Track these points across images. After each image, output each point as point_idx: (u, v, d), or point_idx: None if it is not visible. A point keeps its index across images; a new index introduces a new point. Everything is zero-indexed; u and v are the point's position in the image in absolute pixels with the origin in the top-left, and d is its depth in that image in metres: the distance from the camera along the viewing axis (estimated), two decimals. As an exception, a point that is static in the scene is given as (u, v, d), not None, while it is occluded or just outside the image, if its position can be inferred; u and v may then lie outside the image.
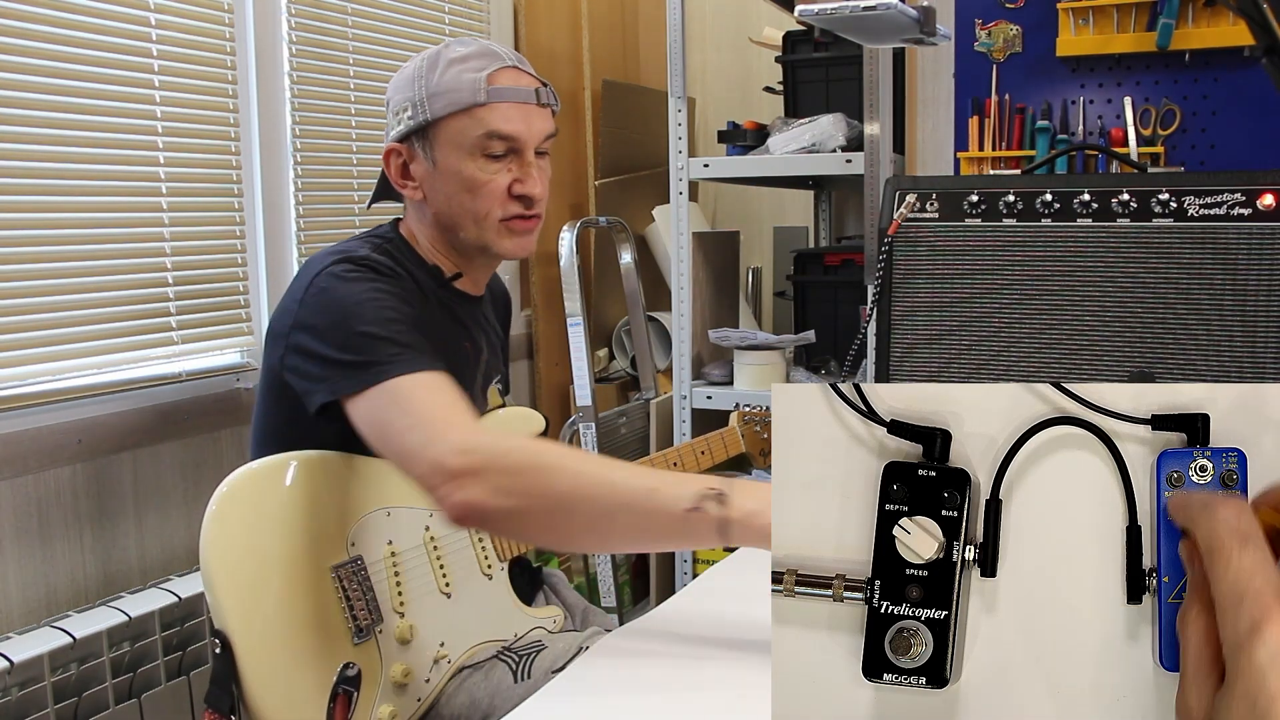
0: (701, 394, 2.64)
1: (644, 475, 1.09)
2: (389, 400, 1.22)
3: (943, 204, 1.34)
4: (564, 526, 1.12)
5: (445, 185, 1.41)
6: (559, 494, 1.09)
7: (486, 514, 1.11)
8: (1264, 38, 0.80)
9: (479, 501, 1.10)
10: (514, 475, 1.10)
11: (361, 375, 1.25)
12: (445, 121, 1.39)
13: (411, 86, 1.40)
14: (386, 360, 1.25)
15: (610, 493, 1.06)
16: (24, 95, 1.70)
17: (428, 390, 1.23)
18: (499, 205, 1.41)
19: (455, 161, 1.39)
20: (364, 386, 1.24)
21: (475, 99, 1.37)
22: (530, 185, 1.41)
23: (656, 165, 3.25)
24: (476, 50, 1.41)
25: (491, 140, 1.38)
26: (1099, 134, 2.60)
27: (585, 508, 1.08)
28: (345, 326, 1.28)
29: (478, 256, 1.48)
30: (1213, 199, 1.23)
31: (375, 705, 1.31)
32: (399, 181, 1.45)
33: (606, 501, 1.07)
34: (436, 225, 1.45)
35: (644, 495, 1.05)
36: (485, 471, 1.10)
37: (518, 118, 1.40)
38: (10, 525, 1.70)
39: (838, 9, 1.31)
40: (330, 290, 1.32)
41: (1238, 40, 2.43)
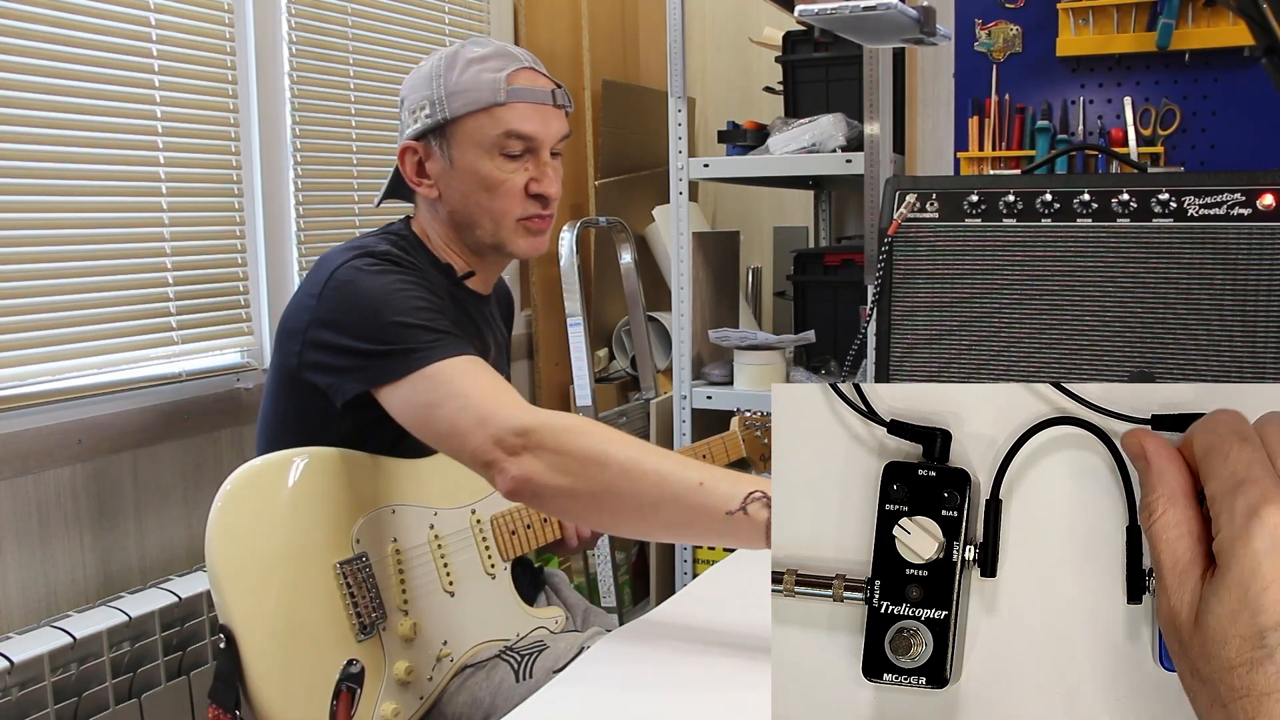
0: (701, 394, 2.64)
1: (693, 468, 1.10)
2: (433, 385, 1.24)
3: (943, 204, 1.34)
4: (610, 509, 1.15)
5: (462, 184, 1.42)
6: (610, 478, 1.12)
7: (540, 489, 1.15)
8: (1264, 38, 0.80)
9: (535, 476, 1.14)
10: (569, 455, 1.14)
11: (400, 363, 1.26)
12: (464, 120, 1.40)
13: (429, 85, 1.41)
14: (425, 346, 1.26)
15: (658, 482, 1.09)
16: (24, 95, 1.70)
17: (472, 372, 1.26)
18: (517, 204, 1.43)
19: (473, 160, 1.41)
20: (403, 374, 1.26)
21: (495, 98, 1.39)
22: (547, 185, 1.43)
23: (656, 165, 3.25)
24: (494, 51, 1.42)
25: (510, 140, 1.40)
26: (1099, 134, 2.60)
27: (633, 493, 1.11)
28: (375, 319, 1.29)
29: (491, 255, 1.49)
30: (1213, 199, 1.23)
31: (378, 702, 1.31)
32: (414, 179, 1.46)
33: (654, 491, 1.09)
34: (450, 223, 1.46)
35: (692, 489, 1.07)
36: (542, 449, 1.15)
37: (535, 118, 1.42)
38: (10, 525, 1.70)
39: (838, 9, 1.31)
40: (354, 283, 1.33)
41: (1238, 40, 2.43)
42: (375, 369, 1.28)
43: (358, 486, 1.34)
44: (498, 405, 1.21)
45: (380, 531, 1.35)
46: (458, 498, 1.43)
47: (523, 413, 1.20)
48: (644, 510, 1.11)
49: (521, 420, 1.18)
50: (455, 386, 1.24)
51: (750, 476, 1.07)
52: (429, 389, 1.25)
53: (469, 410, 1.21)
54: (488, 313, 1.55)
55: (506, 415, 1.19)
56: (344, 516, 1.30)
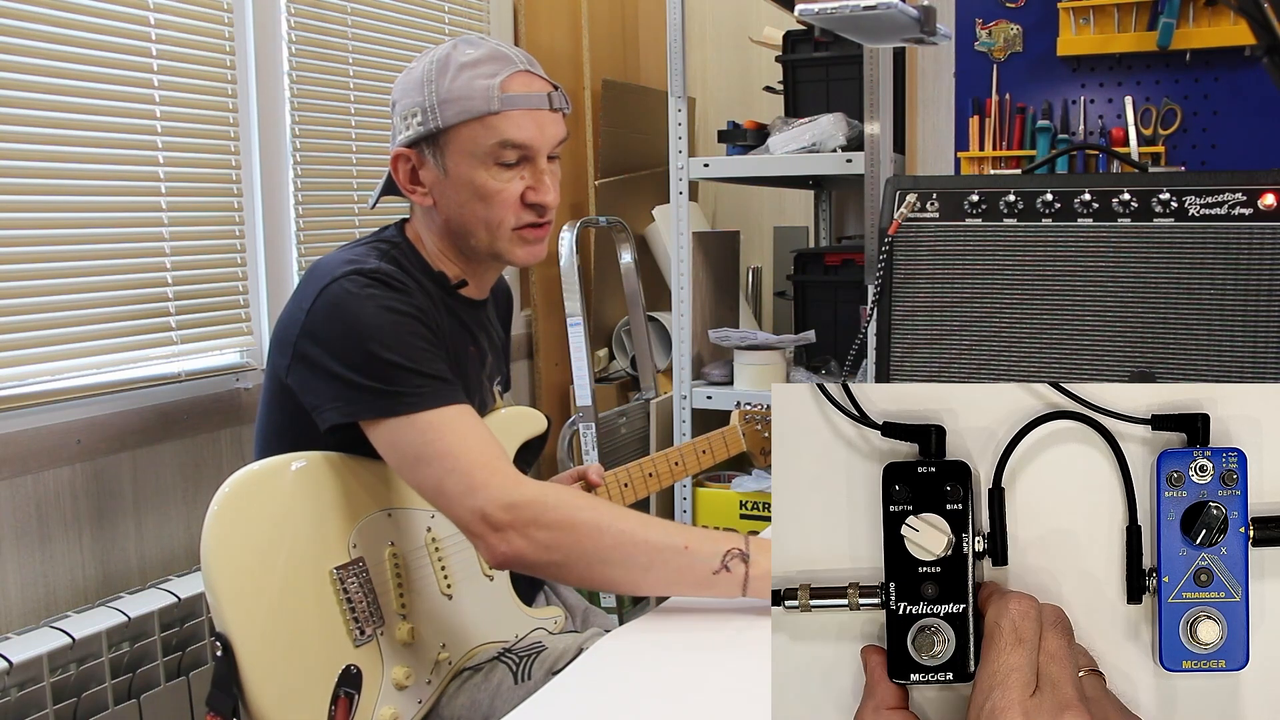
0: (701, 394, 2.64)
1: (676, 533, 1.19)
2: (421, 437, 1.25)
3: (943, 204, 1.34)
4: (600, 576, 1.22)
5: (457, 193, 1.38)
6: (598, 551, 1.19)
7: (529, 564, 1.21)
8: (1265, 37, 0.80)
9: (523, 553, 1.20)
10: (555, 530, 1.19)
11: (386, 403, 1.26)
12: (457, 129, 1.35)
13: (421, 91, 1.36)
14: (413, 392, 1.26)
15: (645, 550, 1.18)
16: (24, 95, 1.70)
17: (461, 429, 1.26)
18: (512, 214, 1.38)
19: (467, 170, 1.36)
20: (388, 415, 1.26)
21: (489, 107, 1.34)
22: (544, 193, 1.39)
23: (656, 165, 3.25)
24: (487, 53, 1.37)
25: (505, 149, 1.35)
26: (1099, 134, 2.60)
27: (621, 563, 1.19)
28: (362, 347, 1.27)
29: (487, 263, 1.46)
30: (1213, 199, 1.22)
31: (376, 707, 1.30)
32: (408, 187, 1.42)
33: (642, 559, 1.17)
34: (446, 231, 1.43)
35: (676, 554, 1.17)
36: (528, 527, 1.19)
37: (531, 125, 1.36)
38: (10, 525, 1.70)
39: (838, 8, 1.31)
40: (343, 305, 1.30)
41: (1238, 40, 2.43)
42: (360, 404, 1.27)
43: (354, 491, 1.34)
44: (487, 476, 1.22)
45: (377, 535, 1.35)
46: (457, 498, 1.42)
47: (510, 487, 1.21)
48: (634, 576, 1.19)
49: (509, 496, 1.20)
50: (444, 445, 1.24)
51: (728, 535, 1.16)
52: (416, 440, 1.25)
53: (456, 475, 1.22)
54: (483, 318, 1.53)
55: (495, 489, 1.20)
56: (340, 521, 1.30)
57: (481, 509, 1.20)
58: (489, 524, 1.20)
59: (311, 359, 1.30)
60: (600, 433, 2.64)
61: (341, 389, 1.28)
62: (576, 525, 1.18)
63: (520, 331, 2.91)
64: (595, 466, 1.58)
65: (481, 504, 1.20)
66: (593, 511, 1.20)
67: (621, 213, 3.04)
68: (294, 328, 1.33)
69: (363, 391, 1.26)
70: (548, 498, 1.21)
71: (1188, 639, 0.57)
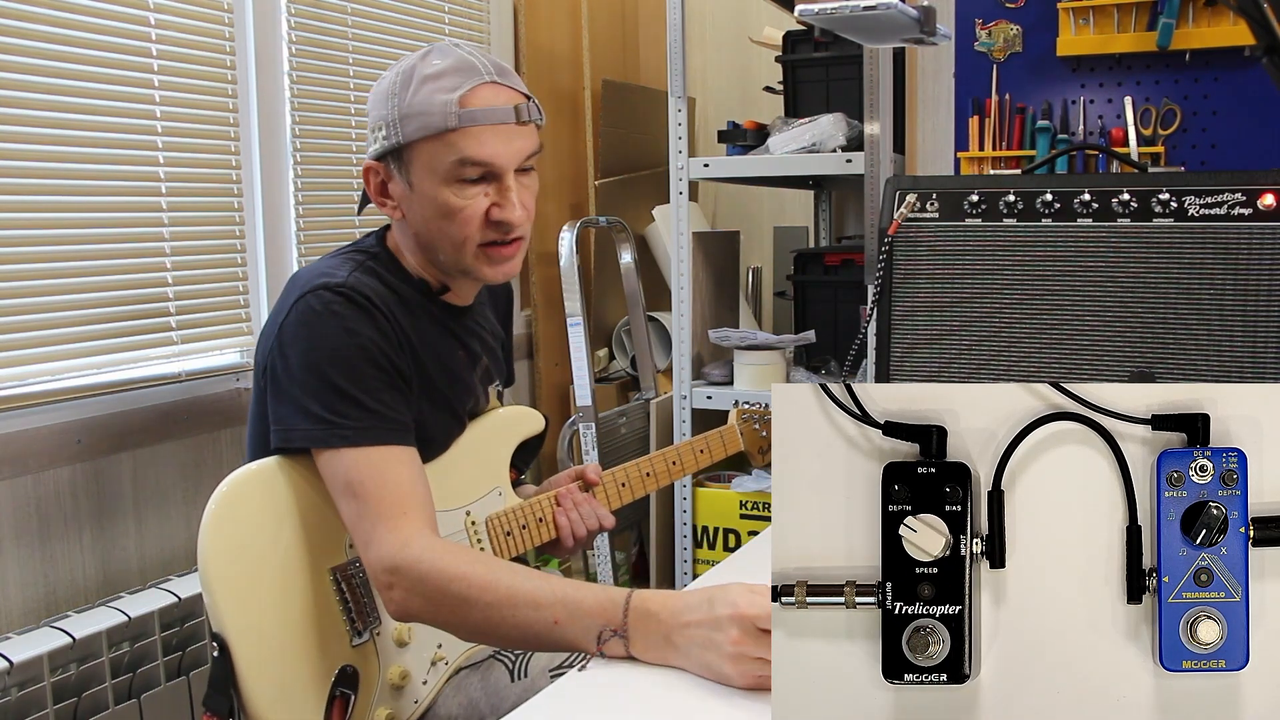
0: (701, 394, 2.64)
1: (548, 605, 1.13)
2: (344, 470, 1.26)
3: (943, 204, 1.34)
4: (483, 640, 1.26)
5: (422, 209, 1.34)
6: (465, 625, 1.19)
7: (414, 619, 1.23)
8: (1264, 37, 0.80)
9: (411, 611, 1.21)
10: (427, 599, 1.20)
11: (321, 433, 1.26)
12: (418, 145, 1.30)
13: (386, 104, 1.32)
14: (351, 426, 1.26)
15: (512, 625, 1.15)
16: (24, 95, 1.70)
17: (382, 474, 1.26)
18: (476, 231, 1.33)
19: (430, 187, 1.31)
20: (323, 446, 1.27)
21: (445, 123, 1.28)
22: (509, 211, 1.32)
23: (656, 165, 3.25)
24: (452, 65, 1.30)
25: (465, 166, 1.29)
26: (1099, 134, 2.60)
27: (492, 634, 1.18)
28: (318, 369, 1.27)
29: (460, 277, 1.43)
30: (1213, 199, 1.22)
31: (373, 707, 1.30)
32: (378, 199, 1.39)
33: (513, 634, 1.16)
34: (418, 244, 1.39)
35: (547, 629, 1.13)
36: (408, 591, 1.20)
37: (493, 141, 1.30)
38: (10, 525, 1.70)
39: (838, 9, 1.31)
40: (309, 323, 1.29)
41: (1238, 40, 2.42)
42: (298, 431, 1.27)
43: None
44: (385, 531, 1.22)
45: (377, 533, 1.34)
46: (452, 499, 1.42)
47: (397, 549, 1.20)
48: (511, 642, 1.20)
49: (394, 558, 1.20)
50: (361, 488, 1.24)
51: (604, 604, 1.09)
52: (341, 474, 1.26)
53: (362, 524, 1.23)
54: (470, 324, 1.49)
55: (385, 547, 1.21)
56: (337, 521, 1.30)
57: (372, 563, 1.22)
58: (378, 581, 1.23)
59: (276, 374, 1.30)
60: (600, 433, 2.64)
61: (290, 412, 1.28)
62: (445, 598, 1.18)
63: (520, 331, 2.91)
64: (593, 466, 1.58)
65: (373, 559, 1.22)
66: (463, 584, 1.17)
67: (621, 213, 3.04)
68: (269, 339, 1.33)
69: (307, 418, 1.27)
70: (423, 565, 1.19)
71: (1188, 639, 0.57)
